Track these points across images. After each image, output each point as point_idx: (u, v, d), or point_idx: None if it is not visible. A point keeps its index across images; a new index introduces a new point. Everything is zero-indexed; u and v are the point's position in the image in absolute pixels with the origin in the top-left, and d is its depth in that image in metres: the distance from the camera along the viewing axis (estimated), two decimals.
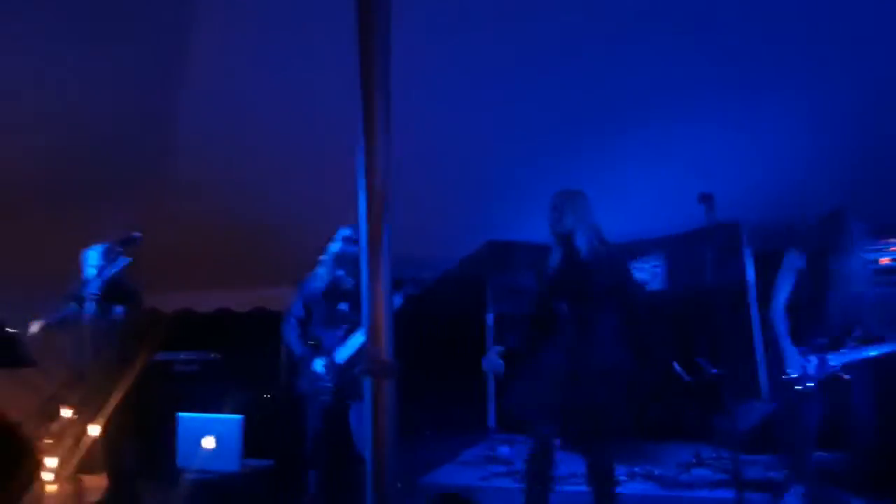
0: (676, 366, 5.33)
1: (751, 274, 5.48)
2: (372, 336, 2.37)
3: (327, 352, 4.32)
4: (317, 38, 4.29)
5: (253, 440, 4.85)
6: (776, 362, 4.18)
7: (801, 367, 4.09)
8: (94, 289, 4.32)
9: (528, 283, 6.49)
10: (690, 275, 5.91)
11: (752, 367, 5.28)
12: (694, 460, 5.29)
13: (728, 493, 4.54)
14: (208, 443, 4.77)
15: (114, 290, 4.39)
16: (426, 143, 4.86)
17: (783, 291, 4.18)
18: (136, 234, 4.29)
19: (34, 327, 4.35)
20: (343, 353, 4.29)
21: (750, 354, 5.34)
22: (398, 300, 4.14)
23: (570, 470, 4.65)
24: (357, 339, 4.22)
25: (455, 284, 6.78)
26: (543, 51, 4.48)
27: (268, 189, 5.87)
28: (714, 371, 5.24)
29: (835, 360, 4.07)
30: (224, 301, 7.57)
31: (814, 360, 4.09)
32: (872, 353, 4.02)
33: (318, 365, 4.30)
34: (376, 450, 2.40)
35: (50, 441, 5.00)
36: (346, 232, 4.43)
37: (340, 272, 4.40)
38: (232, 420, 4.82)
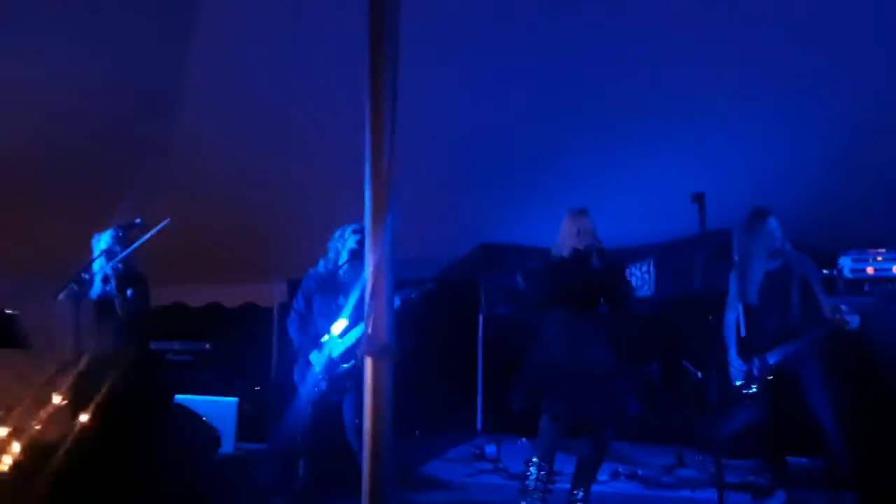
0: (687, 364, 5.45)
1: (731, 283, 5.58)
2: (373, 320, 2.46)
3: (323, 345, 4.38)
4: (324, 35, 4.37)
5: (244, 427, 4.90)
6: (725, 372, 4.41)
7: (742, 373, 4.32)
8: (105, 270, 4.39)
9: (521, 285, 6.63)
10: (681, 280, 6.02)
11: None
12: (676, 462, 5.37)
13: (710, 494, 4.64)
14: None
15: (124, 273, 4.46)
16: (420, 144, 4.95)
17: (730, 305, 4.41)
18: (138, 220, 4.36)
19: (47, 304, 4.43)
20: (339, 346, 4.35)
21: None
22: (396, 301, 4.21)
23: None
24: (354, 335, 4.27)
25: (448, 286, 6.86)
26: (539, 57, 4.58)
27: (262, 188, 5.94)
28: (699, 375, 5.34)
29: (772, 358, 4.24)
30: (215, 296, 7.62)
31: (755, 363, 4.27)
32: (792, 346, 4.17)
33: (315, 357, 4.36)
34: (374, 428, 2.48)
35: (40, 427, 5.04)
36: (355, 226, 4.49)
37: (342, 265, 4.45)
38: (227, 402, 4.86)
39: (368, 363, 2.44)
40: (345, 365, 4.29)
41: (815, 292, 4.24)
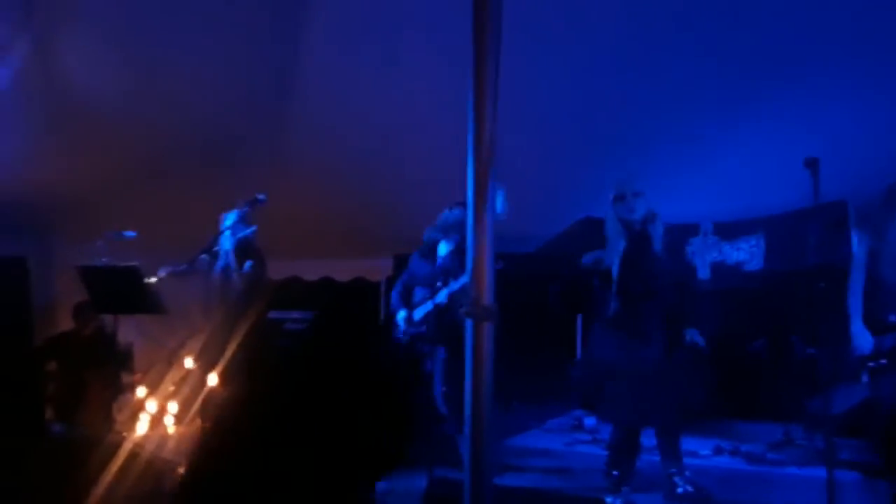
0: (796, 339, 5.32)
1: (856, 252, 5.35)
2: (475, 282, 2.58)
3: (413, 306, 4.64)
4: (428, 22, 4.51)
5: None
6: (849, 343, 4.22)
7: (870, 344, 4.09)
8: (227, 245, 4.77)
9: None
10: (792, 254, 5.82)
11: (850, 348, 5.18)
12: (784, 439, 5.25)
13: (817, 472, 4.53)
14: None
15: (244, 248, 4.83)
16: (524, 116, 5.02)
17: (855, 274, 4.19)
18: (261, 196, 4.68)
19: (161, 272, 4.84)
20: (420, 310, 4.59)
21: (848, 335, 5.24)
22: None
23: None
24: (438, 298, 4.47)
25: (549, 260, 6.90)
26: (644, 27, 4.55)
27: (369, 167, 6.19)
28: (810, 351, 5.18)
29: None
30: (327, 270, 7.97)
31: (887, 338, 4.08)
32: None
33: (400, 317, 4.62)
34: (475, 390, 2.58)
35: (173, 387, 5.51)
36: (451, 212, 4.68)
37: (443, 237, 4.66)
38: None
39: (470, 325, 2.56)
40: (420, 328, 4.53)
41: None
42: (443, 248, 4.66)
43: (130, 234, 5.18)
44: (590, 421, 5.95)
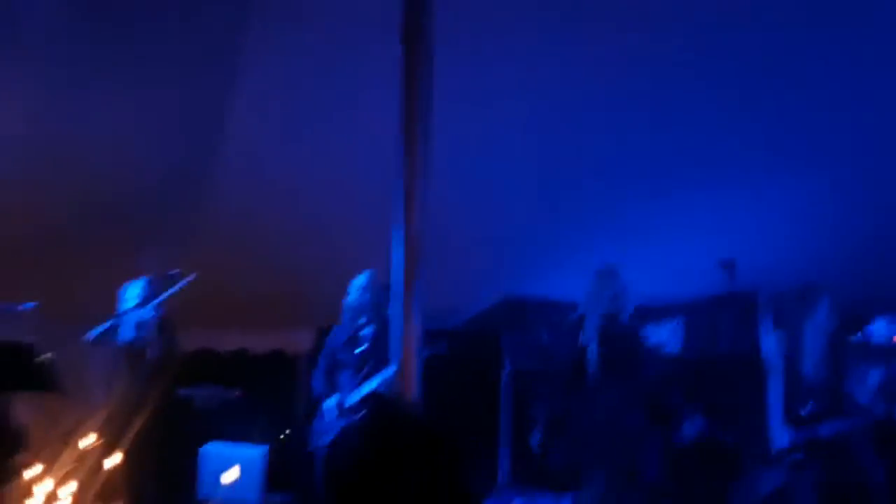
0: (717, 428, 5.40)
1: (767, 342, 5.55)
2: (402, 377, 2.51)
3: (341, 394, 4.46)
4: (357, 86, 4.50)
5: (271, 475, 4.91)
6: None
7: (787, 439, 4.24)
8: (142, 317, 4.53)
9: (545, 340, 6.62)
10: (708, 340, 5.98)
11: (767, 434, 5.30)
12: None
13: None
14: (231, 474, 4.85)
15: (157, 320, 4.60)
16: (443, 197, 5.03)
17: (772, 369, 4.39)
18: (175, 270, 4.49)
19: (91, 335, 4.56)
20: (353, 396, 4.42)
21: (764, 421, 5.36)
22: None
23: None
24: (368, 386, 4.33)
25: (470, 339, 6.87)
26: (566, 110, 4.67)
27: (290, 237, 6.07)
28: (728, 437, 5.26)
29: (824, 430, 4.18)
30: (243, 342, 7.68)
31: (803, 431, 4.21)
32: (847, 423, 4.13)
33: (330, 405, 4.44)
34: None
35: (70, 467, 5.10)
36: (361, 281, 4.61)
37: (361, 320, 4.55)
38: (256, 451, 4.89)
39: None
40: (355, 417, 4.34)
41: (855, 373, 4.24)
42: (366, 330, 4.55)
43: (29, 305, 4.83)
44: (518, 502, 5.84)
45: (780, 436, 4.29)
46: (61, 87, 4.78)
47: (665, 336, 6.30)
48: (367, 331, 4.53)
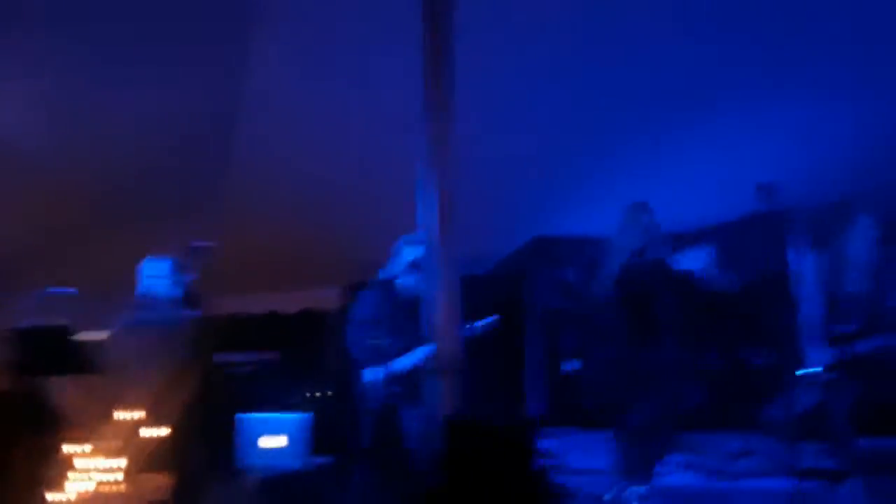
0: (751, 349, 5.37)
1: (803, 261, 5.46)
2: (440, 335, 2.47)
3: (386, 359, 4.36)
4: (379, 48, 4.39)
5: (314, 438, 4.98)
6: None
7: (824, 358, 4.20)
8: (168, 293, 4.52)
9: (575, 277, 6.58)
10: (745, 263, 5.89)
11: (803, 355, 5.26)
12: (741, 449, 5.25)
13: (778, 483, 4.55)
14: (273, 441, 4.91)
15: (185, 296, 4.59)
16: (472, 137, 4.92)
17: (807, 288, 4.29)
18: (202, 243, 4.45)
19: (112, 330, 4.58)
20: (401, 363, 4.31)
21: (800, 342, 5.32)
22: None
23: None
24: (418, 354, 4.20)
25: (503, 279, 6.85)
26: (595, 44, 4.52)
27: (317, 194, 6.02)
28: (758, 361, 5.23)
29: (861, 347, 4.12)
30: (273, 304, 7.73)
31: (839, 350, 4.16)
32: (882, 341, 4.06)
33: (376, 371, 4.34)
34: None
35: (116, 442, 5.21)
36: (411, 238, 4.45)
37: (406, 280, 4.40)
38: (300, 418, 4.95)
39: (439, 381, 2.44)
40: (396, 388, 4.29)
41: None
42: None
43: (70, 290, 4.84)
44: (551, 443, 5.87)
45: (817, 356, 4.24)
46: (82, 65, 4.71)
47: (698, 262, 6.22)
48: (412, 292, 4.38)
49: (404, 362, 4.25)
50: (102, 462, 5.16)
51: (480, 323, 4.09)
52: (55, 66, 4.75)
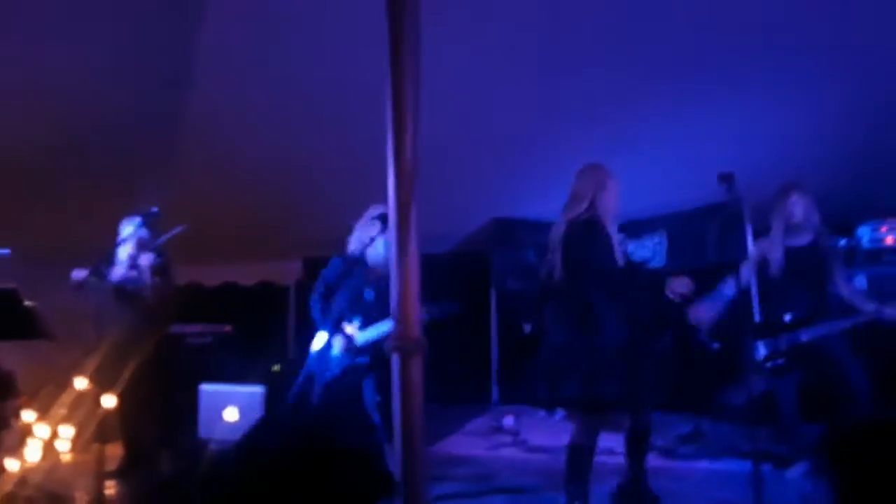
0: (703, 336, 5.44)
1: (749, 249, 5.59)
2: (401, 313, 2.46)
3: (345, 331, 4.38)
4: (340, 11, 4.29)
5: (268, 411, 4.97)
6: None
7: (769, 345, 4.31)
8: (136, 256, 4.43)
9: (532, 259, 6.63)
10: (694, 251, 6.01)
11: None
12: (693, 431, 5.41)
13: (727, 465, 4.70)
14: (230, 414, 4.87)
15: (154, 260, 4.53)
16: (431, 117, 4.88)
17: (743, 272, 4.37)
18: (154, 208, 4.36)
19: (76, 275, 4.47)
20: (364, 337, 4.34)
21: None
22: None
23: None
24: (381, 328, 4.24)
25: (461, 259, 6.88)
26: (555, 21, 4.50)
27: (277, 165, 5.91)
28: (715, 345, 5.36)
29: (805, 335, 4.24)
30: (230, 275, 7.64)
31: (784, 338, 4.29)
32: (827, 328, 4.18)
33: (336, 342, 4.37)
34: (406, 426, 2.49)
35: (65, 411, 5.11)
36: (370, 213, 4.44)
37: (368, 252, 4.42)
38: (253, 391, 4.92)
39: (397, 360, 2.45)
40: (361, 359, 4.32)
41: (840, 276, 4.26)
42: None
43: (2, 252, 4.69)
44: (508, 421, 5.97)
45: (760, 343, 4.35)
46: (32, 17, 4.50)
47: (649, 250, 6.34)
48: (372, 265, 4.40)
49: (368, 335, 4.30)
50: (51, 430, 5.08)
51: (439, 309, 4.13)
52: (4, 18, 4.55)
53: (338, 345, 4.35)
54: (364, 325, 4.35)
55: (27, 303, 4.36)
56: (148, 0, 4.53)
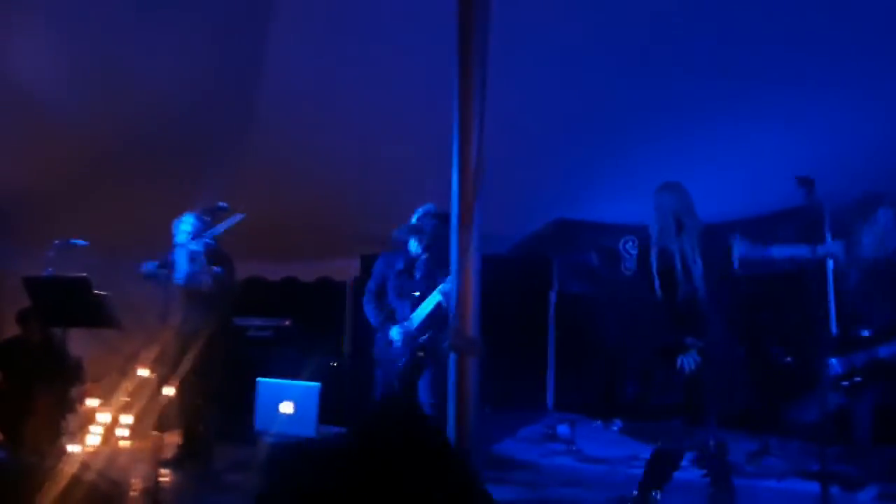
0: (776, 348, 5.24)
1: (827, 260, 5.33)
2: (459, 312, 2.41)
3: (401, 321, 4.43)
4: (410, 21, 4.30)
5: (323, 407, 4.98)
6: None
7: (845, 361, 4.05)
8: (193, 249, 4.51)
9: (595, 262, 6.48)
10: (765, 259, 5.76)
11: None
12: (761, 449, 5.19)
13: (794, 485, 4.48)
14: (286, 408, 4.92)
15: (212, 252, 4.59)
16: (496, 117, 4.83)
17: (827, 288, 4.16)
18: (222, 203, 4.41)
19: (145, 267, 4.60)
20: (416, 317, 4.40)
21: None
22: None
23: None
24: (430, 302, 4.32)
25: (521, 261, 6.77)
26: (624, 25, 4.40)
27: (337, 165, 5.97)
28: (788, 359, 5.13)
29: (884, 351, 3.98)
30: (290, 271, 7.72)
31: (861, 355, 4.02)
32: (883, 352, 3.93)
33: (395, 332, 4.41)
34: (459, 426, 2.43)
35: (127, 398, 5.24)
36: (430, 207, 4.51)
37: (417, 247, 4.49)
38: (310, 387, 4.95)
39: (454, 360, 2.39)
40: (422, 338, 4.34)
41: None
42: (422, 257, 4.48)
43: (81, 242, 4.82)
44: (563, 429, 5.84)
45: (835, 359, 4.11)
46: (106, 19, 4.66)
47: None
48: (422, 258, 4.48)
49: (420, 313, 4.32)
50: (112, 417, 5.22)
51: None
52: (79, 19, 4.70)
53: (397, 335, 4.41)
54: (412, 309, 4.44)
55: (97, 292, 4.44)
56: (225, 5, 4.63)
